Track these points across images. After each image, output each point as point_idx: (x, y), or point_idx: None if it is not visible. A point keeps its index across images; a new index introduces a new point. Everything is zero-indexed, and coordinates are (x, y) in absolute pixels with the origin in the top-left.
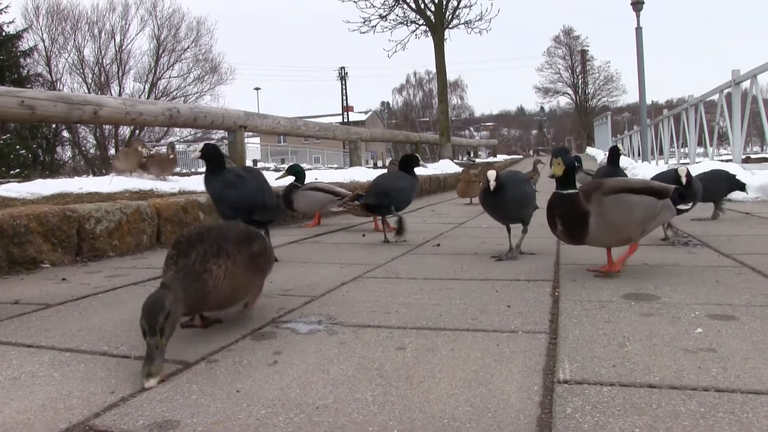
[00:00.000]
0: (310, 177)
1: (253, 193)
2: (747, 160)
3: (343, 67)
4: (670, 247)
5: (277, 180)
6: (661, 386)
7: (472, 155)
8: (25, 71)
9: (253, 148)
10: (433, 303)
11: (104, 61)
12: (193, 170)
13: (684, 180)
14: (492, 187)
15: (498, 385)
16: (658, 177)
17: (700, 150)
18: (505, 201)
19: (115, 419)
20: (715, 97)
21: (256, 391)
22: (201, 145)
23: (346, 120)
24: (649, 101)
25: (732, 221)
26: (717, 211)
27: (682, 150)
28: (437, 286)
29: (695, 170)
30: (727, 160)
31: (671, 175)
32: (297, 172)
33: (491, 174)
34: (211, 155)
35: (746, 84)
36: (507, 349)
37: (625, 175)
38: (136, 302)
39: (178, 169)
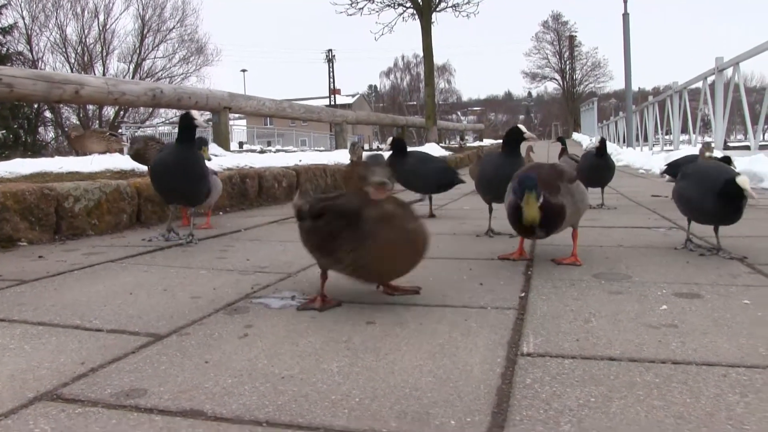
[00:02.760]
0: (293, 158)
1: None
2: (726, 148)
3: (331, 50)
4: (645, 230)
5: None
6: (621, 359)
7: (459, 139)
8: (5, 49)
9: (239, 130)
10: (406, 281)
11: (87, 40)
12: None
13: None
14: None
15: (462, 357)
16: None
17: (684, 137)
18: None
19: (83, 388)
20: (700, 84)
21: (224, 362)
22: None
23: (333, 103)
24: (636, 88)
25: None
26: None
27: (666, 137)
28: None
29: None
30: None
31: None
32: None
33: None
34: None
35: (729, 71)
36: (474, 324)
37: (613, 164)
38: (112, 279)
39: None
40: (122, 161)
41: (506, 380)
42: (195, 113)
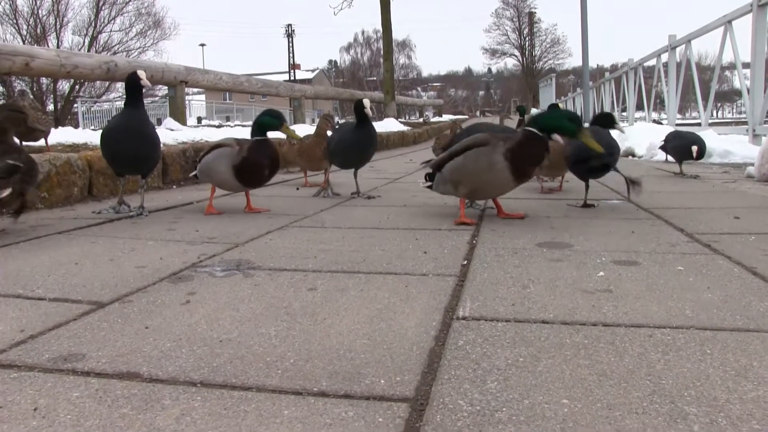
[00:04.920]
0: (245, 132)
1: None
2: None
3: (290, 25)
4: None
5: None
6: (554, 322)
7: (419, 114)
8: None
9: (198, 105)
10: (352, 250)
11: (40, 12)
12: None
13: None
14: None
15: (399, 321)
16: None
17: (640, 114)
18: None
19: (20, 354)
20: (654, 61)
21: (164, 328)
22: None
23: (293, 78)
24: (594, 64)
25: (657, 179)
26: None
27: (623, 113)
28: (359, 235)
29: (635, 132)
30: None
31: None
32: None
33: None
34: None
35: (682, 49)
36: (414, 290)
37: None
38: (58, 250)
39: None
40: (75, 134)
41: (439, 342)
42: (141, 73)
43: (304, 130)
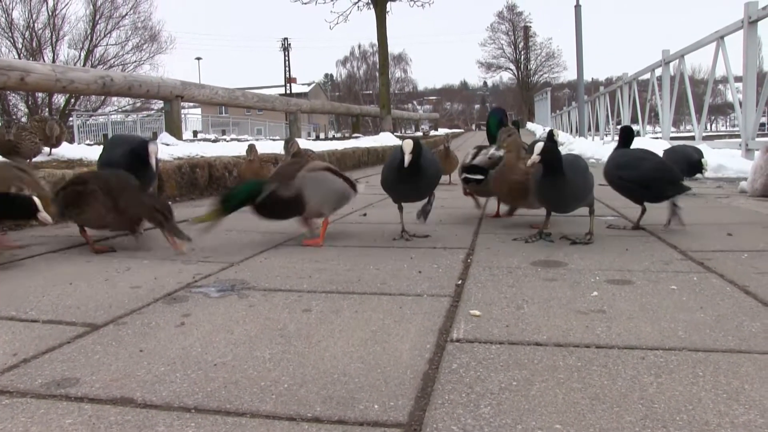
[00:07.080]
0: (240, 147)
1: None
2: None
3: (286, 38)
4: (587, 218)
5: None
6: (547, 344)
7: (414, 128)
8: None
9: (194, 119)
10: (347, 269)
11: (36, 25)
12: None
13: None
14: (407, 162)
15: (393, 343)
16: None
17: (635, 127)
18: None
19: (12, 379)
20: (648, 75)
21: (159, 351)
22: None
23: (288, 92)
24: (589, 78)
25: None
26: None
27: (618, 127)
28: (355, 253)
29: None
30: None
31: None
32: None
33: (407, 145)
34: None
35: (675, 63)
36: (409, 311)
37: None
38: (52, 269)
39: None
40: (70, 150)
41: (433, 366)
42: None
43: (300, 144)
